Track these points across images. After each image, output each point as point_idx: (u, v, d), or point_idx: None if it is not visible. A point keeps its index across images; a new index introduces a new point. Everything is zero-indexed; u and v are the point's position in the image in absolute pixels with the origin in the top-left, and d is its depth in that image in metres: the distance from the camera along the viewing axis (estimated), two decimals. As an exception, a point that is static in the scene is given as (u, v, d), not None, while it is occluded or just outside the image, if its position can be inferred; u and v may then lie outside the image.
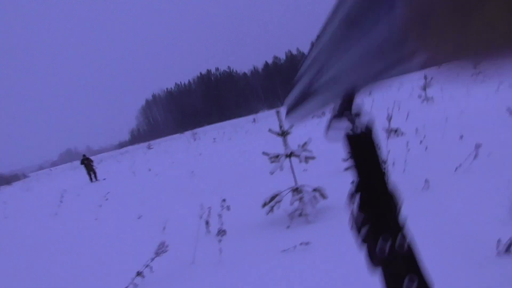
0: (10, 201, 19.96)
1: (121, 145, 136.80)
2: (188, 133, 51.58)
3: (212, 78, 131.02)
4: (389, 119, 9.04)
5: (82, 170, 22.01)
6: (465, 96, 13.76)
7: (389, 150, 6.40)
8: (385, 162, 5.72)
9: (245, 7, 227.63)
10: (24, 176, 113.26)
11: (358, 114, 0.49)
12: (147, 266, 3.94)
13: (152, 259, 3.92)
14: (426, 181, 4.80)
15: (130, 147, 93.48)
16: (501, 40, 0.16)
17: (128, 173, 18.42)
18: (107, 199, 10.31)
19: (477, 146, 5.21)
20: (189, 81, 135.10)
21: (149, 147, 42.81)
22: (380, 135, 8.75)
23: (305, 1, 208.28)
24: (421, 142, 7.08)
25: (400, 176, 5.65)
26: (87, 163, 19.81)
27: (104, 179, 18.90)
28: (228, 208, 4.50)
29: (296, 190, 4.92)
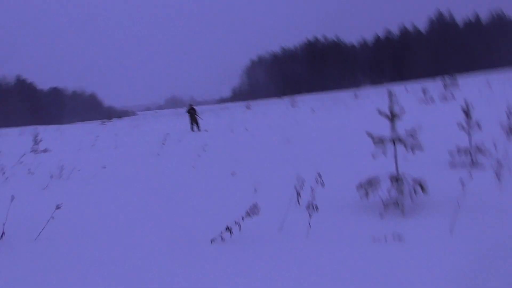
0: (121, 134, 22.04)
1: (222, 100, 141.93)
2: (287, 99, 51.76)
3: (319, 46, 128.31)
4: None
5: (186, 117, 23.29)
6: None
7: (507, 152, 5.77)
8: (500, 164, 5.20)
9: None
10: (133, 113, 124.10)
11: None
12: (236, 223, 4.08)
13: (243, 218, 4.06)
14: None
15: (230, 104, 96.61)
16: None
17: (226, 129, 19.14)
18: (205, 150, 10.84)
19: None
20: (295, 47, 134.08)
21: (247, 107, 43.85)
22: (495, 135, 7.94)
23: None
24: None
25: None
26: (192, 112, 20.89)
27: (206, 130, 19.86)
28: (322, 184, 4.45)
29: (396, 178, 4.70)
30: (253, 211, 4.05)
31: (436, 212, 4.40)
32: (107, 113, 70.90)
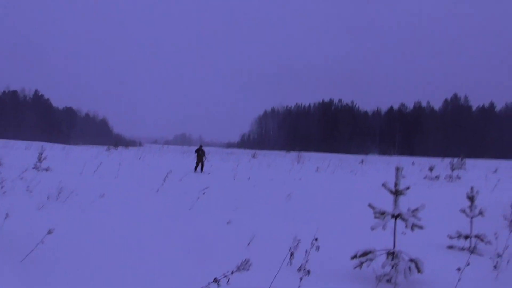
0: (124, 164, 22.05)
1: (229, 145, 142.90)
2: (293, 154, 51.98)
3: (333, 108, 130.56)
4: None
5: (191, 156, 23.40)
6: None
7: (508, 244, 5.69)
8: (499, 255, 5.12)
9: (382, 49, 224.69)
10: (140, 144, 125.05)
11: None
12: (225, 276, 4.00)
13: (232, 272, 3.98)
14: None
15: (236, 150, 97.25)
16: None
17: (229, 174, 19.14)
18: (204, 194, 10.80)
19: None
20: (309, 105, 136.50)
21: (253, 156, 43.99)
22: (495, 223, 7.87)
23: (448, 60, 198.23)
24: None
25: (513, 279, 5.00)
26: (200, 153, 20.98)
27: (209, 173, 19.86)
28: (317, 248, 4.40)
29: (392, 254, 4.64)
30: (244, 266, 3.99)
31: (429, 295, 4.31)
32: (114, 140, 71.37)
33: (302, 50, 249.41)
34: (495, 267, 5.15)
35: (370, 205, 4.82)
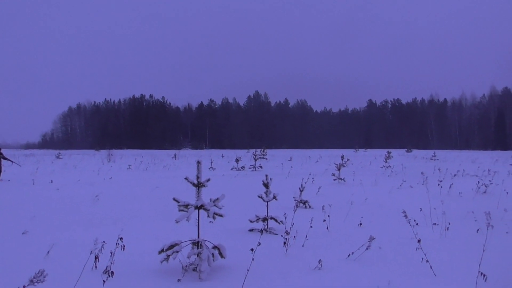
0: None
1: (28, 146, 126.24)
2: (104, 152, 49.29)
3: (144, 104, 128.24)
4: (301, 190, 9.48)
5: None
6: (373, 185, 14.82)
7: (293, 222, 6.63)
8: (287, 233, 5.92)
9: (196, 42, 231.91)
10: None
11: None
12: (17, 292, 3.62)
13: (24, 287, 3.62)
14: (320, 261, 5.04)
15: (37, 151, 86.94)
16: None
17: (27, 179, 17.01)
18: (-7, 204, 9.42)
19: (371, 238, 5.61)
20: (119, 101, 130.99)
21: (58, 157, 40.09)
22: (289, 204, 9.08)
23: (254, 53, 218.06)
24: (324, 220, 7.44)
25: (298, 250, 5.86)
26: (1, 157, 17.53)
27: (9, 180, 17.07)
28: (123, 247, 4.34)
29: (197, 244, 4.90)
30: (38, 278, 3.66)
31: (229, 276, 4.71)
32: None
33: (111, 43, 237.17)
34: (284, 243, 5.95)
35: (174, 199, 4.98)
